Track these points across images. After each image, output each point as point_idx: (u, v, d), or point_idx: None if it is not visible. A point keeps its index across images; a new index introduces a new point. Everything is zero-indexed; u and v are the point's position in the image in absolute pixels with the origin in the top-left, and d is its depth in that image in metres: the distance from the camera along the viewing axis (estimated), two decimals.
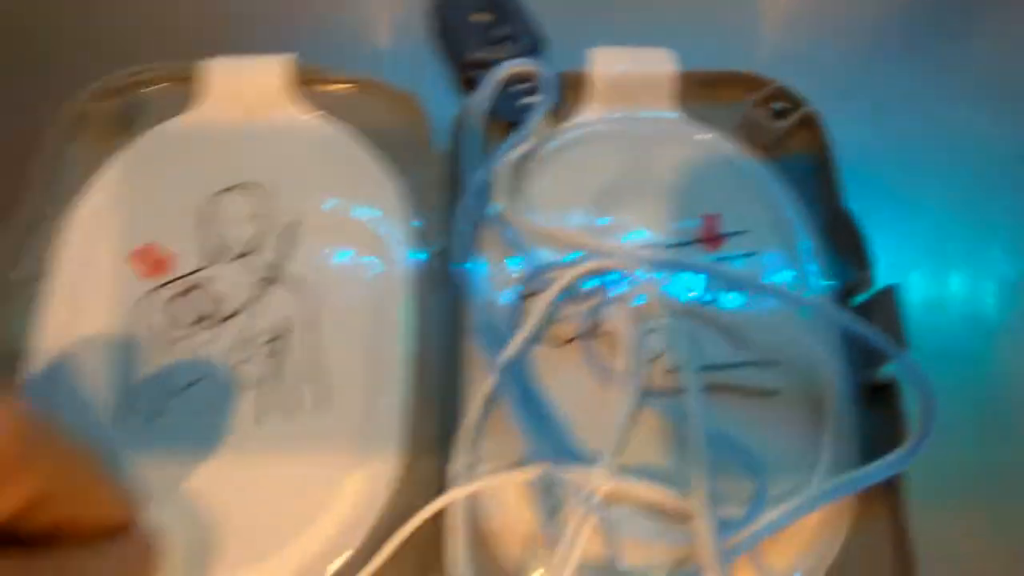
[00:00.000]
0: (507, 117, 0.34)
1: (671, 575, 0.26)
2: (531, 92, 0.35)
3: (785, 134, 0.34)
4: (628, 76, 0.35)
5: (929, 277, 0.34)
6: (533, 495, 0.27)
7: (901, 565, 0.27)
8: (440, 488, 0.27)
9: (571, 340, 0.30)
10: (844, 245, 0.32)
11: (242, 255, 0.31)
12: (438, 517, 0.27)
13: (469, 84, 0.36)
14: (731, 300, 0.31)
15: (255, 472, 0.28)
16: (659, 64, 0.35)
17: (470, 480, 0.27)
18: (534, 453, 0.27)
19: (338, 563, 0.26)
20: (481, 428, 0.29)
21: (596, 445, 0.28)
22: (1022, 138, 0.38)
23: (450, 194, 0.33)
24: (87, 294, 0.31)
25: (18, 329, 0.30)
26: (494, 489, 0.28)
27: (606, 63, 0.35)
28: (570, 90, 0.35)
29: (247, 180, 0.33)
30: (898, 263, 0.34)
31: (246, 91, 0.35)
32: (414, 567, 0.26)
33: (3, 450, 0.17)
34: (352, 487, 0.27)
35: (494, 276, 0.31)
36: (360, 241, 0.32)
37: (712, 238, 0.32)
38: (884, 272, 0.30)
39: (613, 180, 0.33)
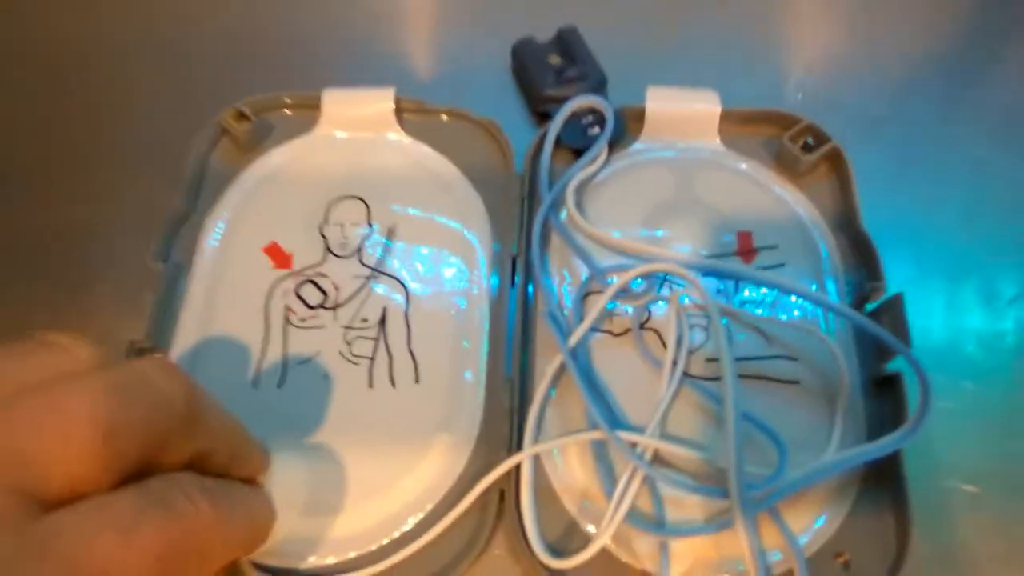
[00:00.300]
0: (575, 144, 0.38)
1: (706, 525, 0.29)
2: (596, 123, 0.39)
3: (813, 165, 0.38)
4: (678, 112, 0.39)
5: (938, 293, 0.37)
6: (591, 456, 0.31)
7: (900, 530, 0.29)
8: (512, 450, 0.31)
9: (625, 332, 0.34)
10: (861, 260, 0.36)
11: (352, 253, 0.36)
12: (512, 473, 0.30)
13: (542, 116, 0.41)
14: (761, 302, 0.35)
15: (357, 434, 0.31)
16: (705, 102, 0.39)
17: (540, 442, 0.31)
18: (593, 421, 0.31)
19: (421, 515, 0.30)
20: (548, 400, 0.32)
21: (643, 419, 0.31)
22: None
23: (525, 208, 0.37)
24: (226, 282, 0.35)
25: (165, 312, 0.34)
26: (559, 449, 0.31)
27: (660, 100, 0.39)
28: (628, 122, 0.40)
29: (356, 191, 0.38)
30: (909, 278, 0.37)
31: (357, 116, 0.39)
32: (491, 513, 0.30)
33: (180, 411, 0.20)
34: (438, 448, 0.31)
35: (562, 276, 0.35)
36: (449, 245, 0.36)
37: (746, 251, 0.36)
38: (894, 284, 0.33)
39: (662, 200, 0.37)
